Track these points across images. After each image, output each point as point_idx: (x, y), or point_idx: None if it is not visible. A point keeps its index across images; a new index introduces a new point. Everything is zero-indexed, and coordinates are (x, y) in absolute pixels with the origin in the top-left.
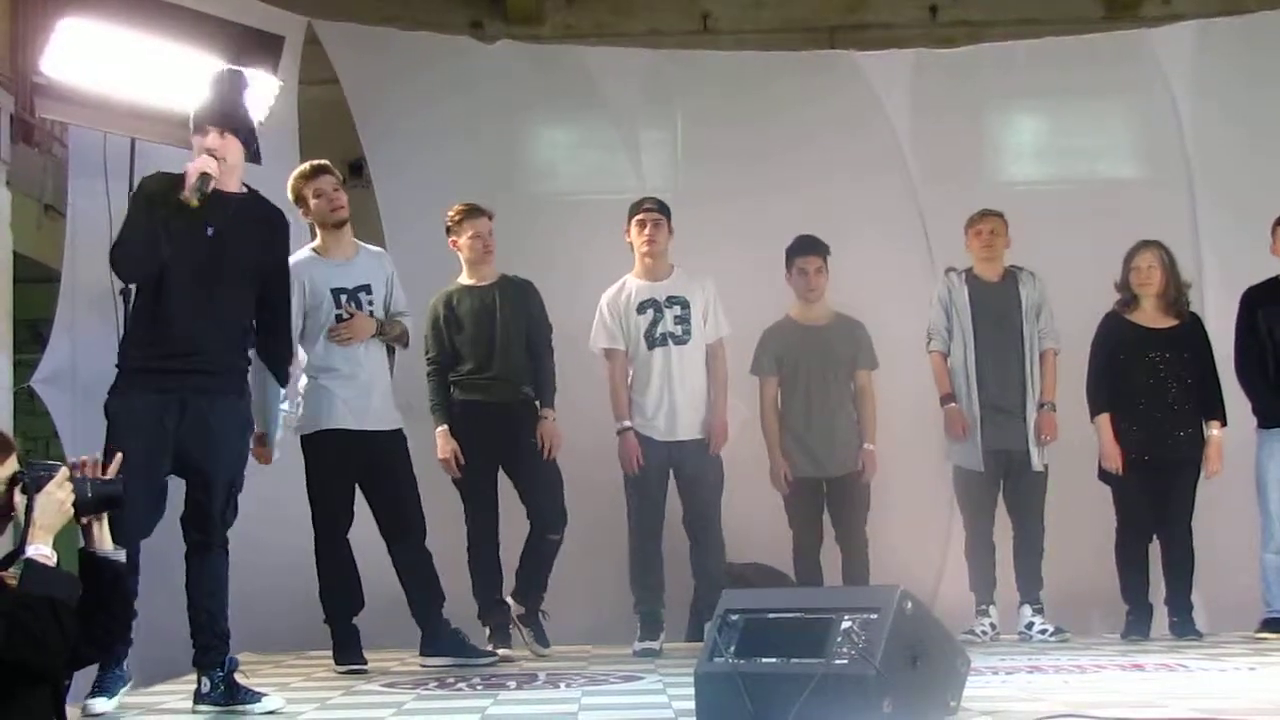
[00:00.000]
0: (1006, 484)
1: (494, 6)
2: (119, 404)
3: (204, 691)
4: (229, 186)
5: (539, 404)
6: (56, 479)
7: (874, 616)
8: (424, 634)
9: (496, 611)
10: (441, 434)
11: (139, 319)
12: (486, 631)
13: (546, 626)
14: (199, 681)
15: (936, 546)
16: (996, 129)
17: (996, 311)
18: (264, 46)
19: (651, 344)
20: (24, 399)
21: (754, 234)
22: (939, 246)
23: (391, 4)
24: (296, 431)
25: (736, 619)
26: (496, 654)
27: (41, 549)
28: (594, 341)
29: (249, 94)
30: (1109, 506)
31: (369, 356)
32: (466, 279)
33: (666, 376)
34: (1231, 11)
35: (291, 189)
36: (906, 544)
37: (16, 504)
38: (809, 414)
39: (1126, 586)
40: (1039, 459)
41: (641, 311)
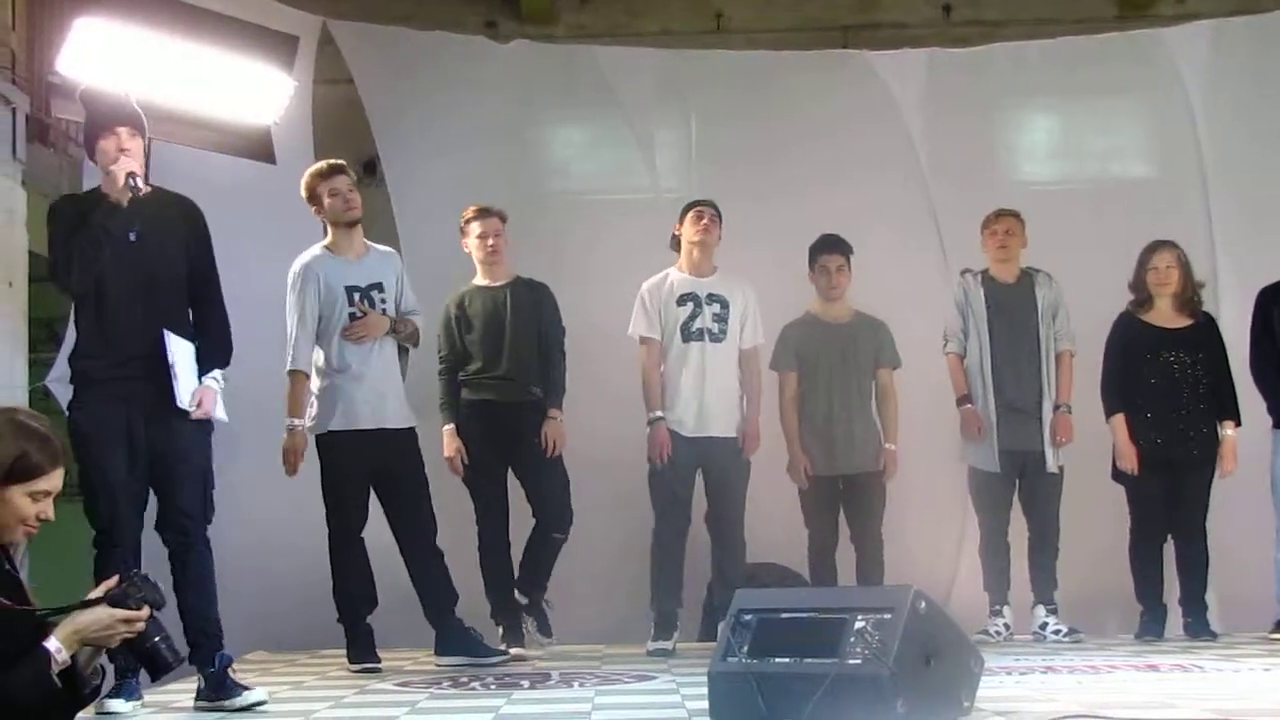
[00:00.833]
0: (1022, 484)
1: (508, 6)
2: (85, 417)
3: (201, 688)
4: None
5: (546, 404)
6: (135, 613)
7: (888, 616)
8: (437, 634)
9: (509, 611)
10: (448, 432)
11: (85, 331)
12: (499, 631)
13: (553, 619)
14: (199, 679)
15: (951, 546)
16: (1010, 128)
17: (1012, 313)
18: (279, 46)
19: (687, 337)
20: (39, 398)
21: (767, 233)
22: (952, 246)
23: (405, 4)
24: (311, 431)
25: (750, 619)
26: (510, 653)
27: (61, 649)
28: (633, 328)
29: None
30: (1123, 507)
31: (381, 355)
32: (480, 280)
33: (698, 372)
34: (1246, 11)
35: (306, 187)
36: (921, 544)
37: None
38: (830, 411)
39: (1141, 587)
40: (1054, 460)
41: (681, 304)
